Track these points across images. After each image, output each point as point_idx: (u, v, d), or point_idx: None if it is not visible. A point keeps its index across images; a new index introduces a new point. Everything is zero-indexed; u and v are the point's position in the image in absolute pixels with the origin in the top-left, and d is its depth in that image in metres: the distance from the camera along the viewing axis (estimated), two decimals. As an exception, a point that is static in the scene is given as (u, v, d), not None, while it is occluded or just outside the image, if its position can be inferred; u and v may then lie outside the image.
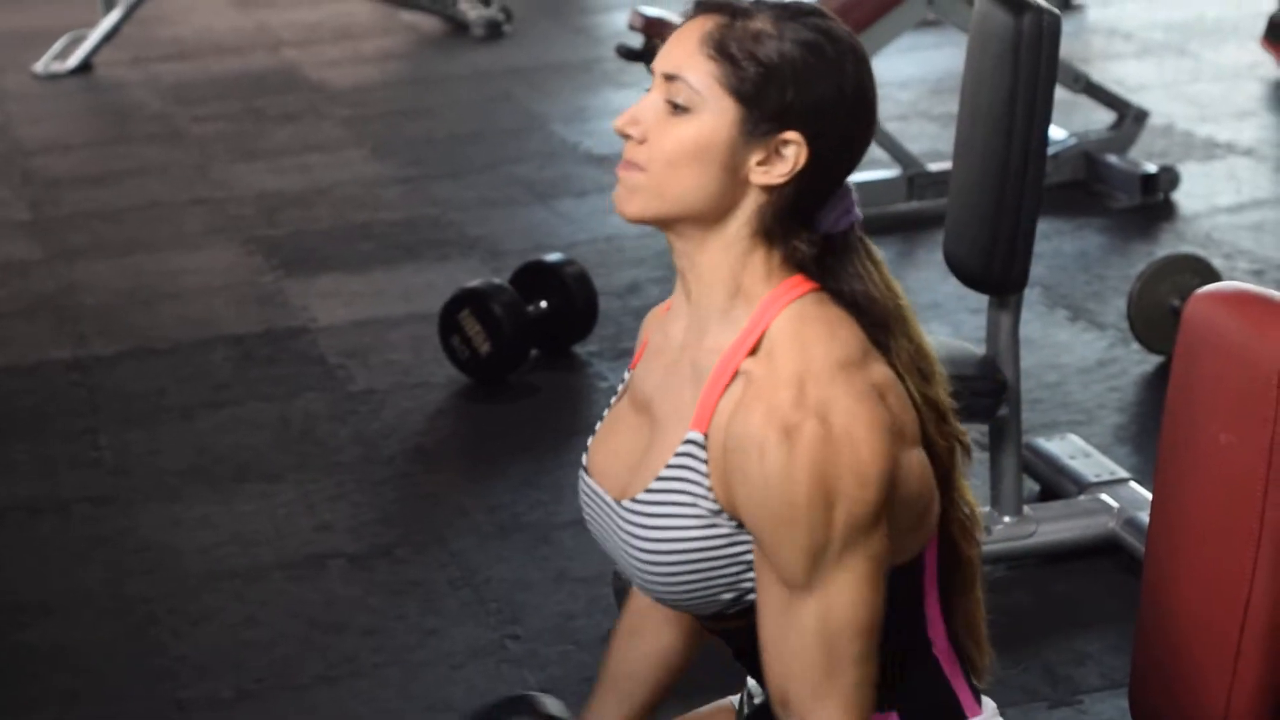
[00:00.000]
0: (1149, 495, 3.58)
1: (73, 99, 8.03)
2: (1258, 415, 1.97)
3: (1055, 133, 5.84)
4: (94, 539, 4.08)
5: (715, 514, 1.93)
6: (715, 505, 1.92)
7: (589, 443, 2.12)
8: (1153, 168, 5.84)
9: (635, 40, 5.61)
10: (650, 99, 1.93)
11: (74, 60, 8.29)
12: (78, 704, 3.48)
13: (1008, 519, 3.66)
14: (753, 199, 1.92)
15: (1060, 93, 3.99)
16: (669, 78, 1.92)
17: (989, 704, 2.09)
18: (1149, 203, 5.80)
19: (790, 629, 1.89)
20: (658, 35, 5.44)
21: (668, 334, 2.04)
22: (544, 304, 4.87)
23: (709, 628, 2.09)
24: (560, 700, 2.16)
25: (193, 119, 7.51)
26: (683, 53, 1.91)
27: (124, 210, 6.37)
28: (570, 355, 4.91)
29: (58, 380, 4.97)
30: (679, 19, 1.95)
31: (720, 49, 1.89)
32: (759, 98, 1.89)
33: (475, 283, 4.83)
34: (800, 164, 1.90)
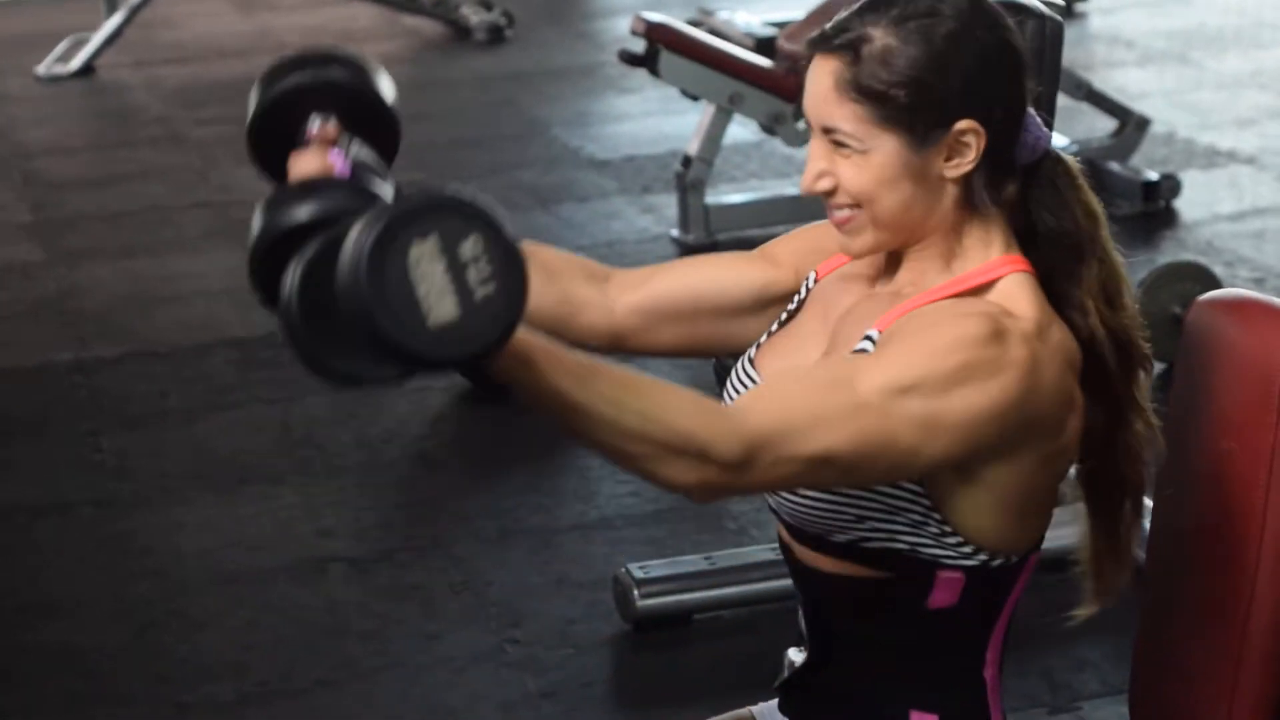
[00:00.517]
0: (1150, 502, 3.57)
1: (75, 102, 8.03)
2: (1259, 422, 1.98)
3: (1057, 140, 5.83)
4: (96, 542, 4.09)
5: None
6: None
7: (759, 341, 2.10)
8: (1154, 175, 5.85)
9: (637, 45, 5.60)
10: (820, 150, 1.94)
11: (76, 63, 8.29)
12: (79, 706, 3.48)
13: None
14: (954, 189, 1.94)
15: (1062, 100, 4.00)
16: (826, 130, 1.93)
17: None
18: (1151, 210, 5.80)
19: (824, 386, 1.84)
20: (660, 40, 5.45)
21: (871, 270, 2.04)
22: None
23: (804, 563, 2.03)
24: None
25: (195, 122, 7.51)
26: (826, 103, 1.92)
27: (126, 213, 6.37)
28: (572, 360, 4.90)
29: (60, 383, 4.97)
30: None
31: (860, 90, 1.90)
32: (917, 114, 1.90)
33: (477, 287, 4.83)
34: (983, 145, 1.92)
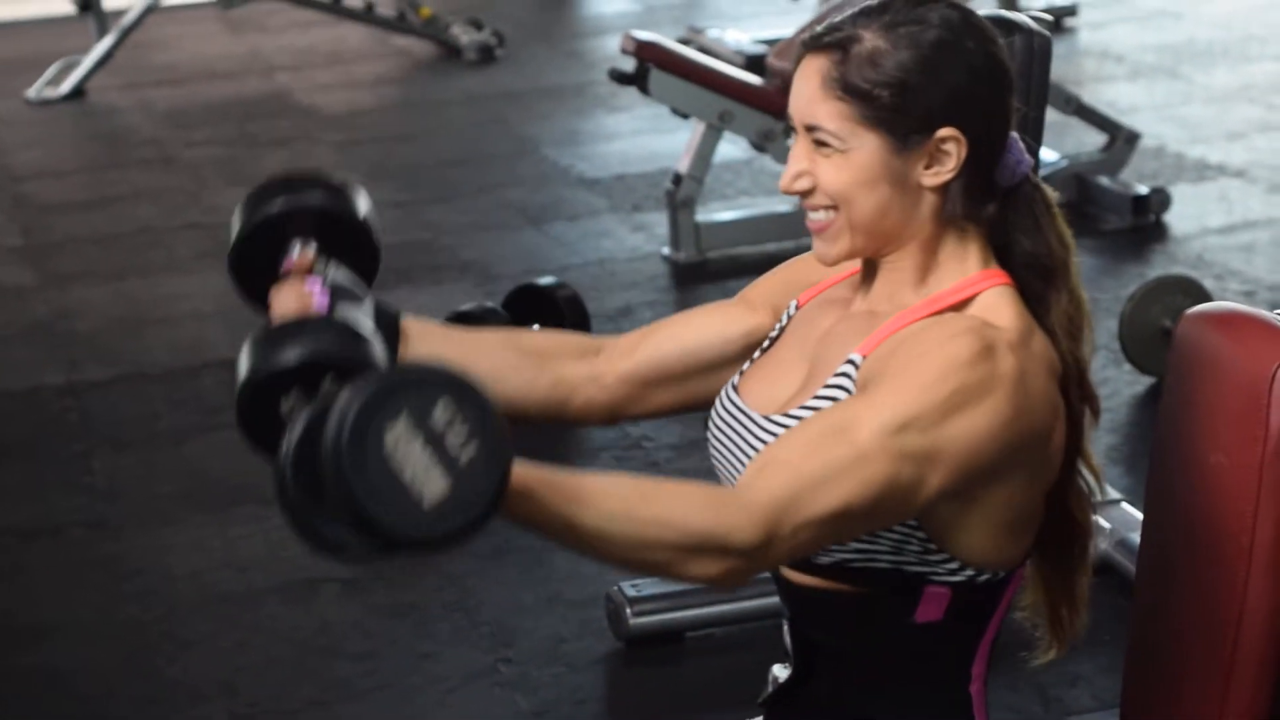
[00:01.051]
0: (1141, 516, 3.57)
1: (66, 124, 8.04)
2: (1248, 434, 1.97)
3: (1047, 155, 5.85)
4: (87, 563, 4.08)
5: None
6: None
7: (742, 369, 2.11)
8: (1144, 189, 5.86)
9: (628, 64, 5.61)
10: (802, 149, 1.96)
11: (67, 86, 8.30)
12: (70, 729, 3.48)
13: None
14: (932, 197, 1.95)
15: (1052, 115, 4.00)
16: (809, 128, 1.94)
17: None
18: (1140, 224, 5.81)
19: (826, 441, 1.82)
20: (650, 59, 5.45)
21: (848, 293, 2.05)
22: (536, 327, 4.88)
23: (788, 579, 2.03)
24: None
25: (185, 144, 7.52)
26: (811, 101, 1.93)
27: (117, 235, 6.37)
28: (563, 378, 4.90)
29: (50, 405, 4.97)
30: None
31: (846, 88, 1.91)
32: (900, 117, 1.91)
33: (468, 306, 4.84)
34: (964, 154, 1.92)
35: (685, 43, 6.38)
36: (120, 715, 3.50)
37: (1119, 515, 3.76)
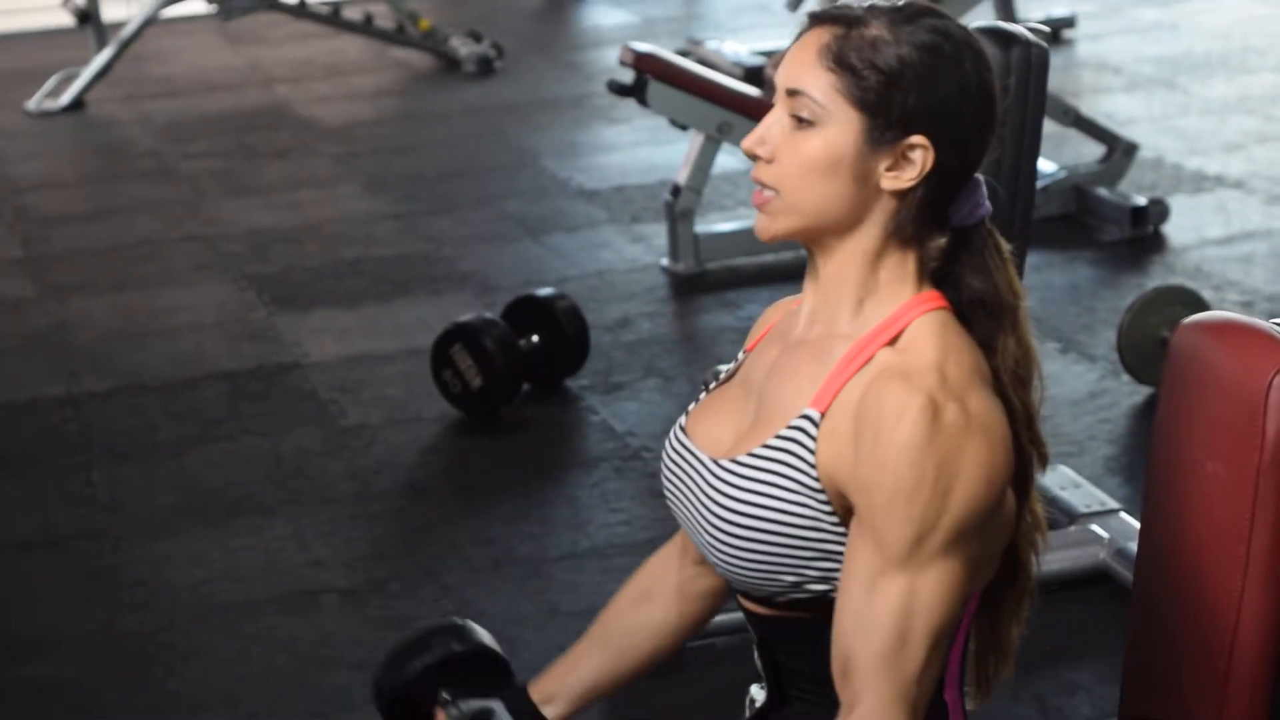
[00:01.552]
0: (1137, 524, 3.58)
1: (65, 136, 8.04)
2: (1244, 443, 1.98)
3: (1045, 166, 5.86)
4: (87, 575, 4.08)
5: (811, 492, 1.92)
6: (815, 483, 1.92)
7: (688, 409, 2.12)
8: (1142, 200, 5.86)
9: (626, 76, 5.62)
10: (775, 116, 1.95)
11: (66, 98, 8.31)
12: (70, 740, 3.48)
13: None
14: (885, 204, 1.94)
15: (1050, 126, 4.01)
16: (791, 93, 1.94)
17: None
18: (1139, 235, 5.82)
19: (875, 598, 1.88)
20: (648, 71, 5.46)
21: (792, 323, 2.05)
22: (535, 338, 4.88)
23: (749, 609, 2.06)
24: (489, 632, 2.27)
25: (184, 156, 7.53)
26: (802, 66, 1.93)
27: (116, 247, 6.37)
28: (562, 389, 4.92)
29: (50, 417, 4.97)
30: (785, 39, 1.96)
31: (839, 60, 1.91)
32: (882, 105, 1.91)
33: (467, 317, 4.84)
34: (928, 167, 1.92)
35: (684, 54, 6.39)
36: (120, 726, 3.51)
37: (1117, 525, 3.77)
